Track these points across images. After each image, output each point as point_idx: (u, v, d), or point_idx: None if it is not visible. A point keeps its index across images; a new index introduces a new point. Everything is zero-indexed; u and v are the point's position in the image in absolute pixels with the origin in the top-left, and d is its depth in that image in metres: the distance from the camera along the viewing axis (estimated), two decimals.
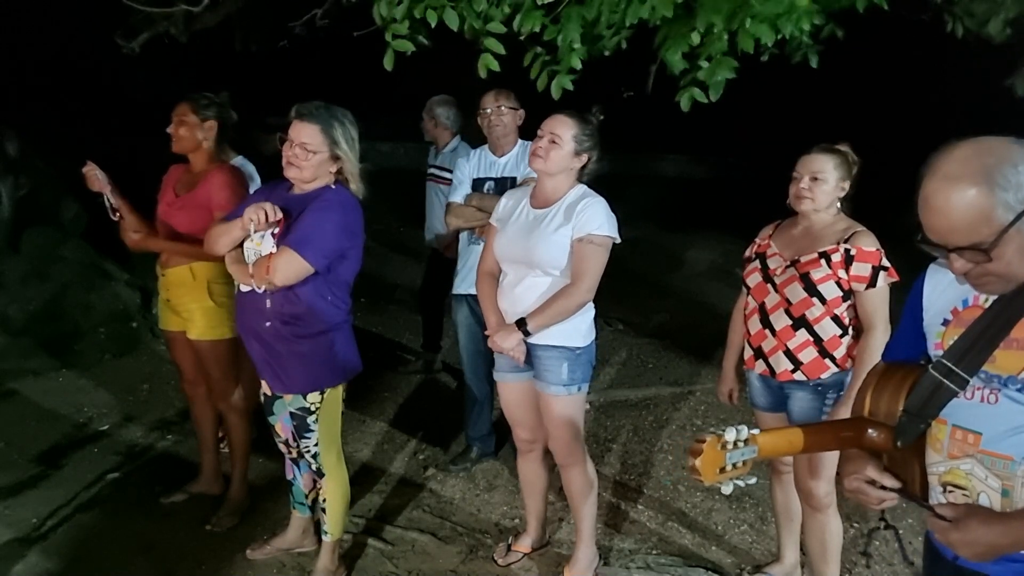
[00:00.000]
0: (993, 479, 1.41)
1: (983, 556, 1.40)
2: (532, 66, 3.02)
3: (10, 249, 5.32)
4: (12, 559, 3.10)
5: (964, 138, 1.36)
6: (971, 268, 1.36)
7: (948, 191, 1.31)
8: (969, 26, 3.73)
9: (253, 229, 2.59)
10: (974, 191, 1.29)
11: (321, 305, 2.67)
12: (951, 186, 1.31)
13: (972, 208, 1.30)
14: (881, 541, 3.32)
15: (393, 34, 2.83)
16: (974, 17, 3.69)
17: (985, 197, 1.29)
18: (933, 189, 1.33)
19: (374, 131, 12.99)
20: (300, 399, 2.76)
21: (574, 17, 2.90)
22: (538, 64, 3.01)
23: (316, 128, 2.64)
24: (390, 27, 2.83)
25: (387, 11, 2.81)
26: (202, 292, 3.21)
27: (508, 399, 3.06)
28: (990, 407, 1.41)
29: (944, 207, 1.32)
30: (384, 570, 3.14)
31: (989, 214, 1.29)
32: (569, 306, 2.74)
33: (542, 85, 3.01)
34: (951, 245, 1.34)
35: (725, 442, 1.47)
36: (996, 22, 3.59)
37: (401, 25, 2.81)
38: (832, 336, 2.61)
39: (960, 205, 1.30)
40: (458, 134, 4.62)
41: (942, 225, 1.33)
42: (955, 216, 1.31)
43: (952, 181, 1.31)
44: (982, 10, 3.64)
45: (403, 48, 2.84)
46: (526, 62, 3.04)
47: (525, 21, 2.88)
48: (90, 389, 4.72)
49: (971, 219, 1.30)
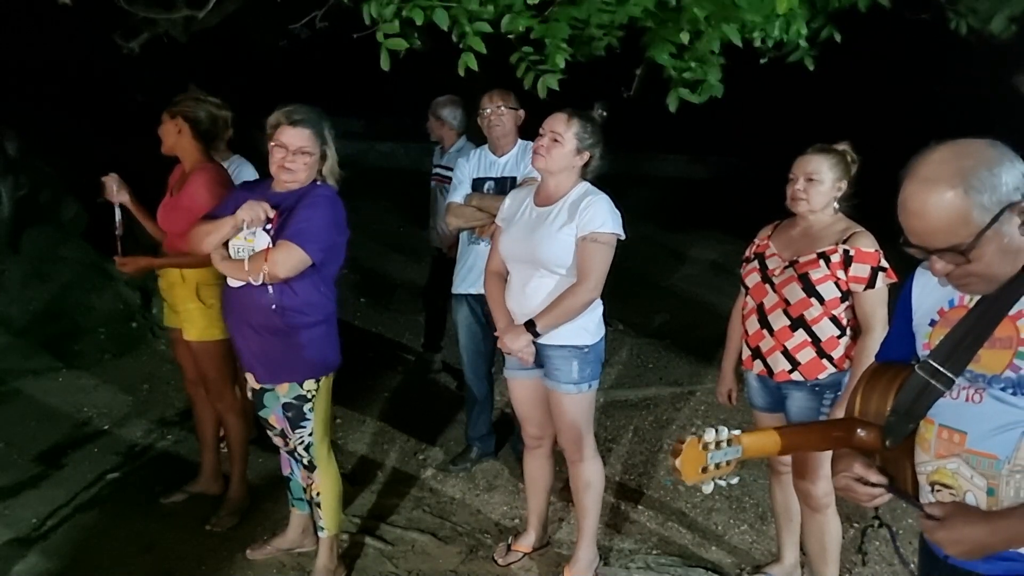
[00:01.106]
0: (979, 478, 1.41)
1: (970, 554, 1.41)
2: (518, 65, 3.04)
3: (10, 249, 5.32)
4: (12, 559, 3.10)
5: (947, 140, 1.38)
6: (952, 270, 1.38)
7: (925, 194, 1.33)
8: (972, 23, 3.73)
9: (246, 226, 2.67)
10: (950, 194, 1.31)
11: (315, 297, 2.77)
12: (928, 189, 1.33)
13: (949, 211, 1.32)
14: (880, 541, 3.32)
15: (385, 34, 2.84)
16: (977, 14, 3.68)
17: (961, 199, 1.31)
18: (911, 192, 1.35)
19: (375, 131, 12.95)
20: (297, 387, 2.81)
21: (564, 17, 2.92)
22: (523, 64, 3.04)
23: (309, 132, 2.72)
24: (381, 26, 2.84)
25: (376, 11, 2.83)
26: (191, 293, 3.24)
27: (518, 396, 3.08)
28: (975, 406, 1.42)
29: (921, 210, 1.34)
30: (384, 570, 3.15)
31: (966, 216, 1.31)
32: (576, 305, 2.74)
33: (528, 84, 3.03)
34: (931, 247, 1.36)
35: (706, 443, 1.48)
36: (1000, 19, 3.58)
37: (392, 25, 2.83)
38: (830, 337, 2.61)
39: (937, 208, 1.32)
40: (463, 134, 4.63)
41: (921, 228, 1.35)
42: (933, 219, 1.33)
43: (929, 184, 1.33)
44: (985, 7, 3.63)
45: (396, 47, 2.86)
46: (512, 60, 3.06)
47: (512, 22, 2.90)
48: (90, 389, 4.72)
49: (948, 222, 1.32)
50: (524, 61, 3.03)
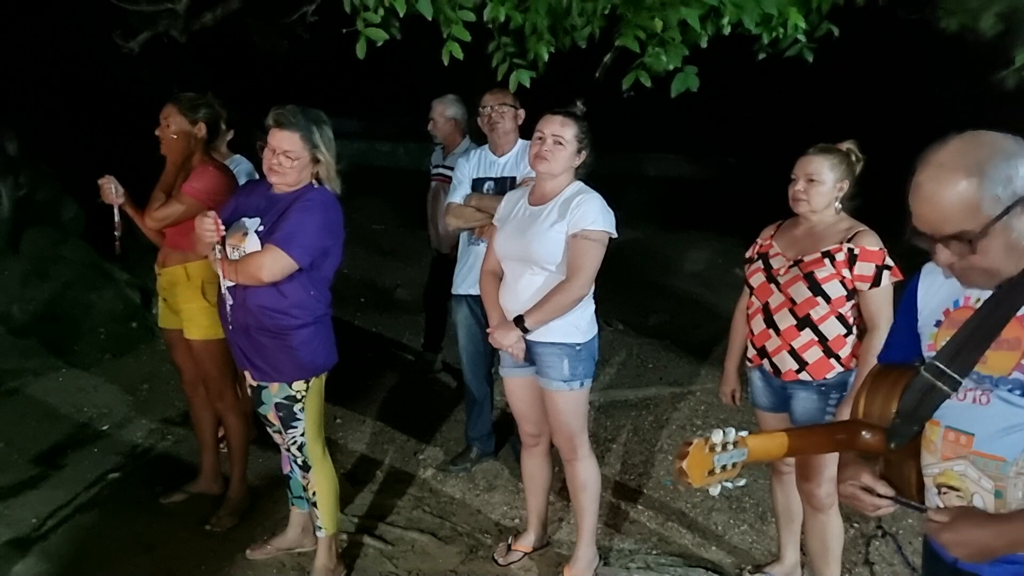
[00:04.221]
0: (986, 480, 1.41)
1: (976, 557, 1.40)
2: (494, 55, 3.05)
3: (10, 249, 5.32)
4: (12, 559, 3.10)
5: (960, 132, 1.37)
6: (955, 260, 1.36)
7: (939, 180, 1.32)
8: (962, 21, 3.76)
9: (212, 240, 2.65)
10: (965, 182, 1.30)
11: (305, 300, 2.77)
12: (942, 175, 1.32)
13: (961, 198, 1.31)
14: (880, 540, 3.32)
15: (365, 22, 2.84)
16: (967, 12, 3.71)
17: (975, 188, 1.30)
18: (925, 177, 1.34)
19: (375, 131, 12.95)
20: (286, 388, 2.82)
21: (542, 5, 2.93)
22: (499, 54, 3.04)
23: (296, 135, 2.69)
24: (362, 15, 2.84)
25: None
26: (196, 292, 3.23)
27: (513, 394, 3.09)
28: (982, 408, 1.41)
29: (933, 195, 1.33)
30: (384, 570, 3.15)
31: (977, 205, 1.30)
32: (565, 301, 2.75)
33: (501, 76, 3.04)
34: (938, 234, 1.35)
35: (713, 444, 1.46)
36: (988, 16, 3.62)
37: (374, 14, 2.83)
38: (837, 336, 2.61)
39: (949, 194, 1.31)
40: (467, 135, 4.61)
41: (931, 214, 1.34)
42: (944, 205, 1.32)
43: (944, 170, 1.32)
44: (974, 5, 3.67)
45: (376, 37, 2.87)
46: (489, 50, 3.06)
47: (494, 10, 2.90)
48: (90, 389, 4.72)
49: (959, 209, 1.31)
50: (500, 50, 3.04)
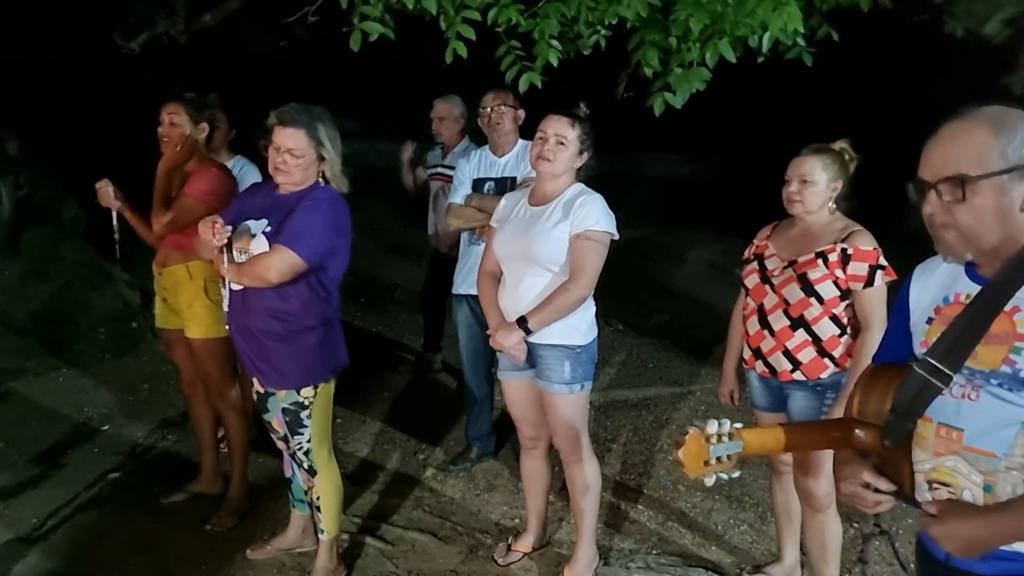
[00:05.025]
0: (976, 475, 1.42)
1: (967, 550, 1.41)
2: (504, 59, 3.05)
3: (10, 249, 5.32)
4: (12, 559, 3.10)
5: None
6: (939, 210, 1.41)
7: (958, 125, 1.42)
8: (968, 25, 3.75)
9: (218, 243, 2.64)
10: (982, 129, 1.39)
11: (313, 301, 2.73)
12: (965, 122, 1.42)
13: (973, 142, 1.39)
14: (878, 540, 3.31)
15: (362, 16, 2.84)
16: (973, 16, 3.71)
17: (990, 138, 1.38)
18: (947, 124, 1.44)
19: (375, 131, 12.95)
20: (294, 394, 2.78)
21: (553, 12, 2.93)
22: (509, 58, 3.04)
23: (301, 132, 2.67)
24: (358, 8, 2.84)
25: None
26: (198, 290, 3.23)
27: (512, 397, 3.08)
28: (972, 403, 1.42)
29: (949, 136, 1.42)
30: (384, 570, 3.15)
31: (986, 154, 1.37)
32: (568, 302, 2.75)
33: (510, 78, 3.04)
34: (936, 176, 1.41)
35: (708, 435, 1.50)
36: (995, 21, 3.62)
37: (373, 7, 2.82)
38: (831, 336, 2.61)
39: (964, 136, 1.40)
40: (467, 135, 4.61)
41: (939, 153, 1.42)
42: (955, 144, 1.41)
43: (967, 119, 1.42)
44: (981, 9, 3.66)
45: (371, 30, 2.86)
46: (499, 54, 3.07)
47: (502, 14, 2.90)
48: (90, 389, 4.72)
49: (968, 150, 1.38)
50: (510, 55, 3.05)
